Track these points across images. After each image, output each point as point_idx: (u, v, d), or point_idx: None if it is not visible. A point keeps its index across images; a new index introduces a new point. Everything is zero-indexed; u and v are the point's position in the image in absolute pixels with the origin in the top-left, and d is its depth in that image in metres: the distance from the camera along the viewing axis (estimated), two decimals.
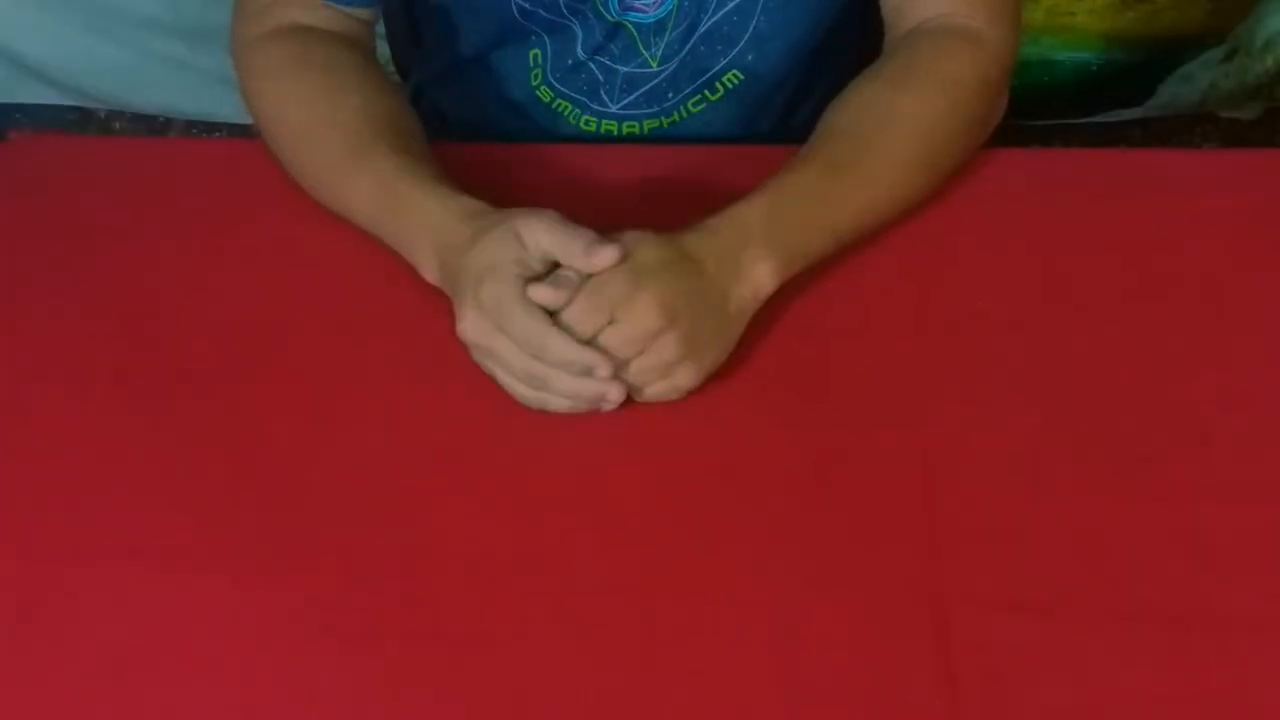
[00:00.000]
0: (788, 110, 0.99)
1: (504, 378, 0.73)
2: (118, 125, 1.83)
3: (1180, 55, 1.61)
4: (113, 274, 0.84)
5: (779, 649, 0.65)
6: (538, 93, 0.97)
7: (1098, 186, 0.88)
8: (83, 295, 0.83)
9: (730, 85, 0.95)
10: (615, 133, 0.98)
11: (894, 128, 0.81)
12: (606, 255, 0.70)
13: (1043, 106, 1.65)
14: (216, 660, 0.65)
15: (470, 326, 0.72)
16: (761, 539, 0.69)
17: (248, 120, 0.90)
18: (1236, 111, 1.72)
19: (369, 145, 0.81)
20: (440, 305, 0.77)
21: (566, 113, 0.98)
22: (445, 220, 0.76)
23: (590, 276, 0.71)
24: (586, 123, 0.98)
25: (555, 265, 0.72)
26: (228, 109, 1.66)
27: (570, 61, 0.95)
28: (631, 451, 0.73)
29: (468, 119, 1.03)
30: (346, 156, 0.82)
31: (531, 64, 0.95)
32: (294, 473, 0.73)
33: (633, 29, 0.92)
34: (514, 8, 0.91)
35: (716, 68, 0.94)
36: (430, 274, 0.77)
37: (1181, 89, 1.64)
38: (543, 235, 0.72)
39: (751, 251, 0.75)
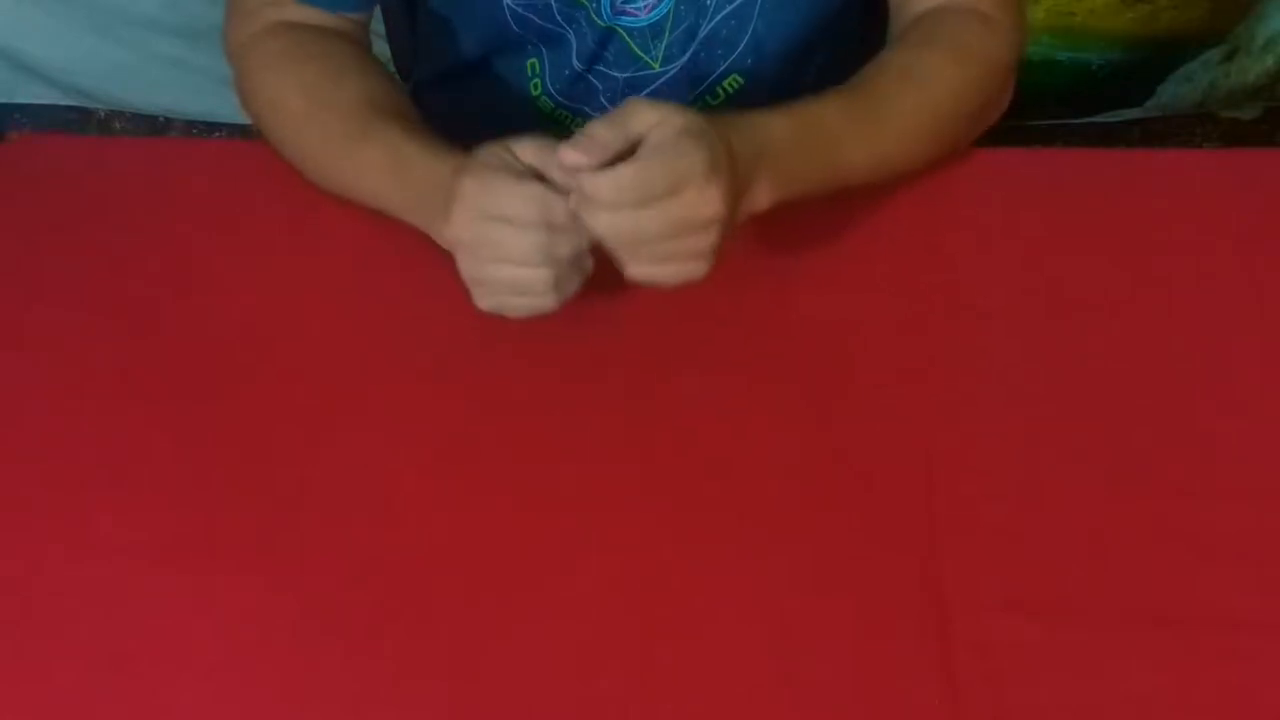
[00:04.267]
0: None
1: (497, 272, 0.71)
2: (118, 125, 1.82)
3: (1180, 55, 1.61)
4: (112, 273, 0.84)
5: (779, 649, 0.64)
6: (538, 103, 0.97)
7: (1098, 186, 0.88)
8: (82, 295, 0.83)
9: (730, 90, 0.95)
10: None
11: (912, 85, 0.83)
12: (572, 155, 0.69)
13: (1043, 106, 1.65)
14: (216, 659, 0.65)
15: (457, 222, 0.70)
16: (761, 539, 0.69)
17: (248, 120, 0.90)
18: (1236, 111, 1.72)
19: (373, 120, 0.81)
20: (442, 305, 0.77)
21: (568, 122, 0.98)
22: (451, 172, 0.74)
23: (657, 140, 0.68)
24: None
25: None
26: (228, 109, 1.65)
27: (568, 72, 0.95)
28: (631, 451, 0.73)
29: (467, 125, 1.03)
30: (351, 132, 0.82)
31: (530, 74, 0.95)
32: (294, 472, 0.73)
33: (625, 34, 0.92)
34: (507, 13, 0.91)
35: (716, 72, 0.94)
36: (434, 226, 0.76)
37: (1181, 89, 1.64)
38: (528, 148, 0.71)
39: (763, 168, 0.74)
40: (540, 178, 0.70)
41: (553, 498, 0.71)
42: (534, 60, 0.95)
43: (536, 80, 0.96)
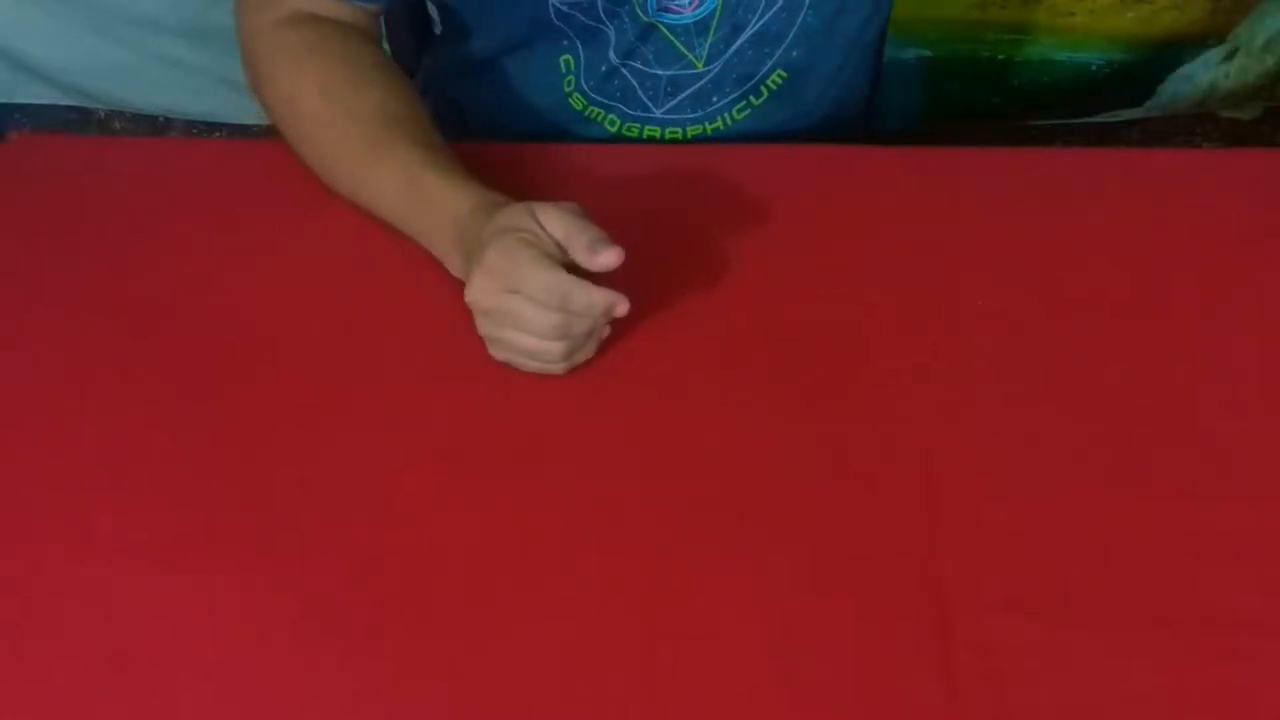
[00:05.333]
0: (828, 107, 0.99)
1: (513, 339, 0.73)
2: (118, 125, 1.82)
3: (1180, 55, 1.61)
4: (112, 273, 0.84)
5: (779, 649, 0.64)
6: (570, 100, 0.96)
7: (1098, 186, 0.88)
8: (82, 295, 0.83)
9: (774, 86, 0.95)
10: (659, 138, 0.98)
11: None
12: (607, 258, 0.71)
13: (1043, 106, 1.65)
14: (216, 659, 0.65)
15: (478, 290, 0.72)
16: (761, 539, 0.69)
17: (248, 120, 0.90)
18: (1236, 111, 1.72)
19: (392, 137, 0.81)
20: (441, 305, 0.77)
21: (601, 119, 0.97)
22: (468, 211, 0.76)
23: None
24: (629, 129, 0.97)
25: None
26: (228, 109, 1.66)
27: (604, 68, 0.94)
28: (631, 452, 0.73)
29: (492, 118, 1.02)
30: (369, 147, 0.82)
31: (564, 70, 0.95)
32: (294, 472, 0.73)
33: (666, 30, 0.92)
34: (551, 9, 0.90)
35: (763, 70, 0.94)
36: (454, 266, 0.77)
37: (1181, 89, 1.64)
38: (554, 221, 0.72)
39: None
40: (564, 249, 0.72)
41: (553, 498, 0.71)
42: (568, 57, 0.94)
43: (570, 77, 0.95)
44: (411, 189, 0.79)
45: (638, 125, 0.97)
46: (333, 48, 0.86)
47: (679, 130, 0.97)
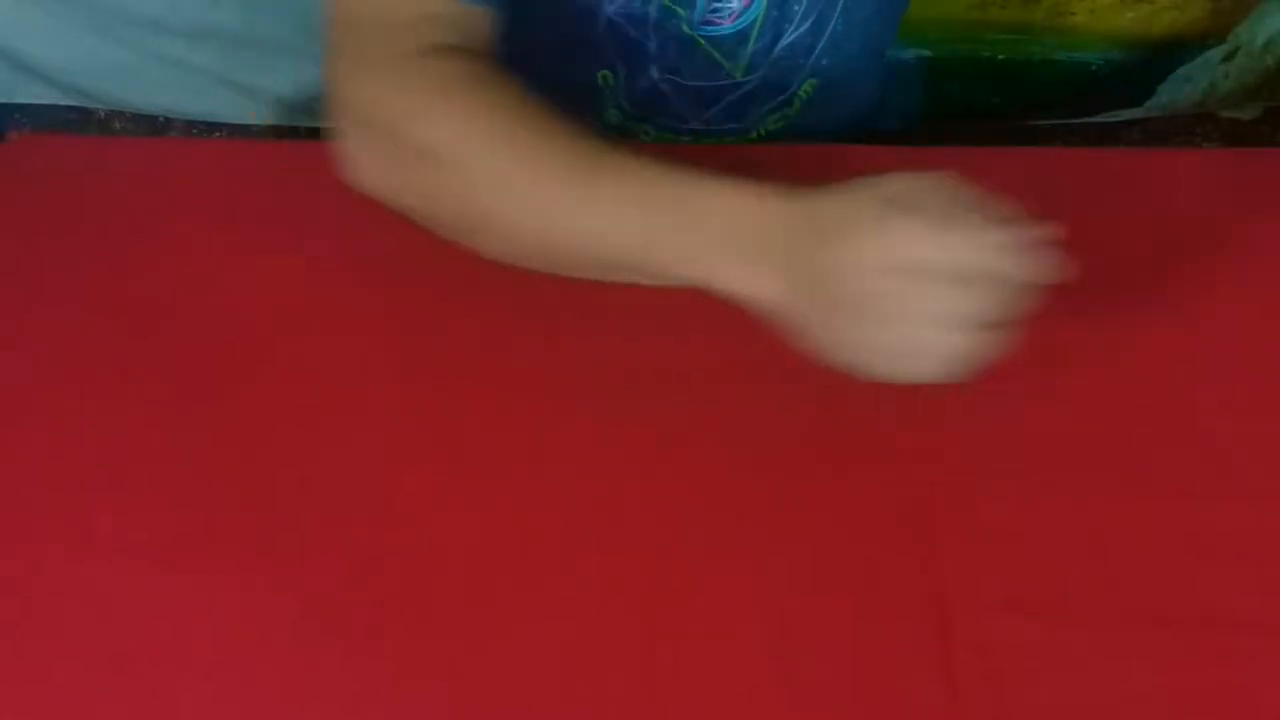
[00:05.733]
0: (851, 111, 0.99)
1: (890, 333, 0.61)
2: (118, 125, 1.82)
3: (1180, 55, 1.61)
4: (112, 274, 0.84)
5: (779, 649, 0.65)
6: (605, 116, 0.95)
7: (1098, 186, 0.88)
8: (82, 295, 0.83)
9: (806, 95, 0.95)
10: None
11: None
12: (1035, 228, 0.60)
13: (1043, 106, 1.65)
14: (216, 659, 0.65)
15: (846, 276, 0.59)
16: (761, 539, 0.69)
17: (248, 120, 0.89)
18: (1236, 111, 1.72)
19: (602, 150, 0.68)
20: (441, 305, 0.76)
21: (637, 134, 0.96)
22: (763, 204, 0.65)
23: None
24: (664, 139, 0.97)
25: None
26: (228, 109, 1.66)
27: (644, 83, 0.93)
28: (632, 451, 0.73)
29: None
30: (591, 171, 0.68)
31: (601, 84, 0.94)
32: (294, 472, 0.73)
33: (706, 44, 0.91)
34: (603, 19, 0.88)
35: (797, 79, 0.94)
36: (742, 277, 0.66)
37: (1181, 89, 1.64)
38: (937, 190, 0.60)
39: None
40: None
41: (553, 497, 0.71)
42: (606, 72, 0.93)
43: (609, 93, 0.94)
44: (668, 205, 0.66)
45: (673, 135, 0.96)
46: (486, 72, 0.72)
47: (715, 140, 0.96)
